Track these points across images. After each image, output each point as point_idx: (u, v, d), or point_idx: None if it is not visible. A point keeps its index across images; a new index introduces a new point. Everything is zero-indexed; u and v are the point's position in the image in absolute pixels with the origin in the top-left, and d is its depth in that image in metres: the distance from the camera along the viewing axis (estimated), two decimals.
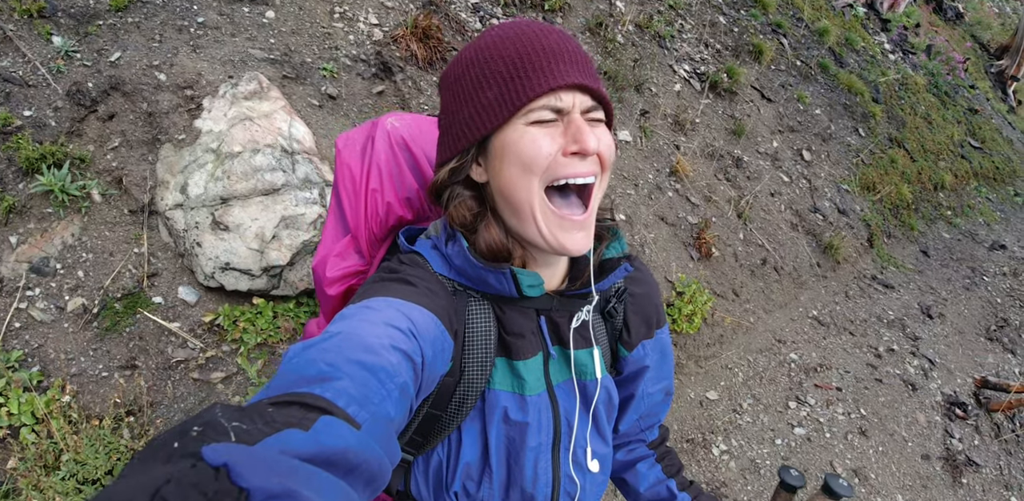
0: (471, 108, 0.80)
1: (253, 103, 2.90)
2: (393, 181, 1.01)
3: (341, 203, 1.05)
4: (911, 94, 8.39)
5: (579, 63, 0.78)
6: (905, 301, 5.43)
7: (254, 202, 2.68)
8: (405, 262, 0.90)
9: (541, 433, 0.90)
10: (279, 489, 0.35)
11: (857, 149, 6.72)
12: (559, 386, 0.94)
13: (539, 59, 0.76)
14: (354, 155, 1.03)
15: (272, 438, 0.43)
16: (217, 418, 0.43)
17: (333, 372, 0.59)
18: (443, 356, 0.79)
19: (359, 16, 3.89)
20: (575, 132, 0.77)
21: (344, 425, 0.50)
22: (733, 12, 6.93)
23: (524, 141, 0.78)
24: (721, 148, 5.45)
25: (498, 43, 0.79)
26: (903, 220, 6.72)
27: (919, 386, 4.29)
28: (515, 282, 0.85)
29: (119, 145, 2.60)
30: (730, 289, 4.58)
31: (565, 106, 0.77)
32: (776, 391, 3.94)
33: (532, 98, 0.76)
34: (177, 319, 2.50)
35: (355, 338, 0.66)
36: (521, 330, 0.90)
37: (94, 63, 2.58)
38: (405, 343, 0.69)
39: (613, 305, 0.99)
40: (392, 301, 0.76)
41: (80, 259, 2.39)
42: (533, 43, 0.77)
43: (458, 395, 0.87)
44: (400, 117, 1.06)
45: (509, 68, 0.77)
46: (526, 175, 0.79)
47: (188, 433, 0.40)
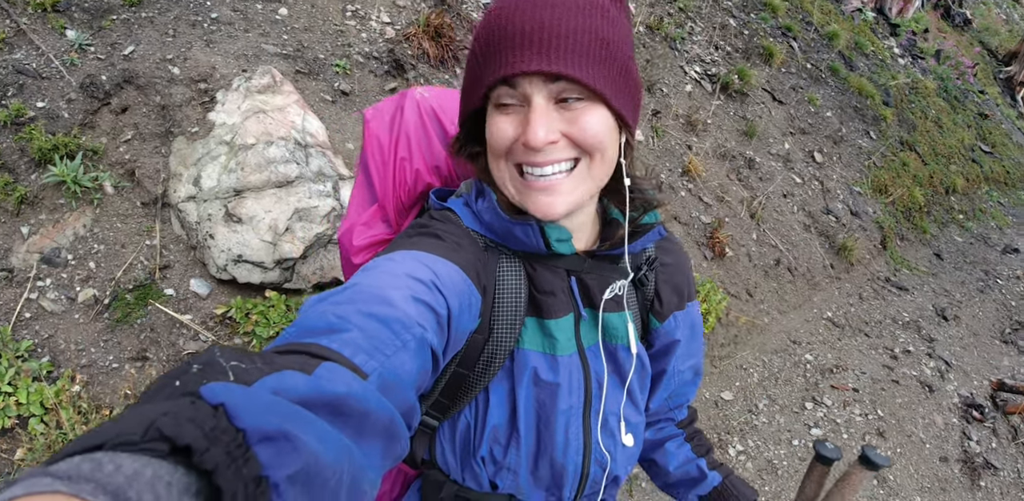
0: (465, 81, 0.81)
1: (267, 97, 2.89)
2: (422, 150, 1.00)
3: (369, 173, 1.04)
4: (921, 98, 8.36)
5: (546, 40, 0.71)
6: (919, 303, 5.37)
7: (267, 194, 2.66)
8: (436, 218, 0.88)
9: (572, 395, 0.88)
10: (274, 430, 0.35)
11: (869, 152, 6.69)
12: (589, 349, 0.91)
13: (498, 40, 0.73)
14: (383, 126, 1.02)
15: (270, 377, 0.42)
16: (216, 358, 0.42)
17: (342, 324, 0.57)
18: (471, 311, 0.77)
19: (371, 14, 3.89)
20: (525, 123, 0.74)
21: (348, 372, 0.49)
22: (743, 15, 6.92)
23: (490, 126, 0.78)
24: (733, 149, 5.42)
25: (491, 13, 0.76)
26: (915, 223, 6.67)
27: (936, 388, 4.23)
28: (543, 235, 0.83)
29: (132, 138, 2.59)
30: (744, 289, 4.53)
31: (524, 91, 0.74)
32: (792, 392, 3.88)
33: (488, 85, 0.75)
34: (189, 311, 2.47)
35: (371, 290, 0.64)
36: (552, 288, 0.87)
37: (108, 56, 2.58)
38: (427, 295, 0.67)
39: (644, 272, 0.97)
40: (416, 253, 0.75)
41: (92, 250, 2.36)
42: (506, 17, 0.73)
43: (486, 353, 0.85)
44: (429, 89, 1.05)
45: (482, 48, 0.75)
46: (493, 156, 0.80)
47: (187, 373, 0.39)
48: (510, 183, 0.81)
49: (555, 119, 0.75)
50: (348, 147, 3.11)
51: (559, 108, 0.75)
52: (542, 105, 0.74)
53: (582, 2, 0.73)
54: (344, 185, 2.84)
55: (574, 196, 0.79)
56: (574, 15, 0.72)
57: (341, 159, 2.96)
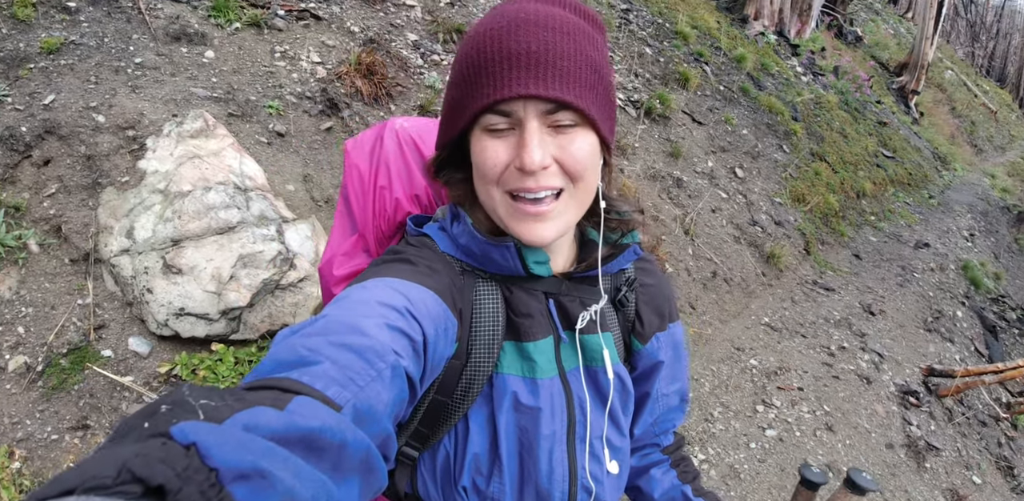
0: (448, 105, 0.79)
1: (200, 141, 2.82)
2: (401, 179, 1.00)
3: (349, 203, 1.03)
4: (825, 111, 8.98)
5: (540, 64, 0.71)
6: (847, 301, 5.70)
7: (208, 242, 2.58)
8: (411, 243, 0.88)
9: (555, 420, 0.86)
10: (248, 468, 0.35)
11: (784, 164, 7.10)
12: (571, 372, 0.90)
13: (490, 63, 0.72)
14: (362, 156, 1.03)
15: (242, 414, 0.41)
16: (185, 397, 0.41)
17: (313, 357, 0.56)
18: (447, 336, 0.76)
19: (301, 55, 3.88)
20: (520, 147, 0.74)
21: (321, 406, 0.48)
22: (657, 43, 7.28)
23: (477, 150, 0.77)
24: (662, 170, 5.64)
25: (477, 34, 0.75)
26: (833, 227, 7.10)
27: (873, 379, 4.48)
28: (520, 257, 0.82)
29: (56, 191, 2.47)
30: (686, 303, 4.68)
31: (516, 115, 0.73)
32: (743, 397, 4.01)
33: (481, 108, 0.73)
34: (130, 372, 2.34)
35: (343, 319, 0.63)
36: (530, 311, 0.87)
37: (27, 107, 2.46)
38: (401, 321, 0.66)
39: (624, 293, 0.96)
40: (389, 280, 0.74)
41: (19, 314, 2.22)
42: (497, 39, 0.72)
43: (465, 379, 0.83)
44: (408, 119, 1.06)
45: (469, 70, 0.74)
46: (482, 181, 0.79)
47: (156, 413, 0.39)
48: (501, 208, 0.79)
49: (548, 143, 0.74)
50: (288, 189, 3.06)
51: (550, 132, 0.75)
52: (536, 128, 0.73)
53: (571, 27, 0.74)
54: (288, 228, 2.79)
55: (562, 221, 0.80)
56: (568, 40, 0.73)
57: (283, 201, 2.91)
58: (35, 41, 2.63)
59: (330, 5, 4.33)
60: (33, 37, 2.64)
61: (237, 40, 3.60)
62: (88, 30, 2.85)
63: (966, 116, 17.71)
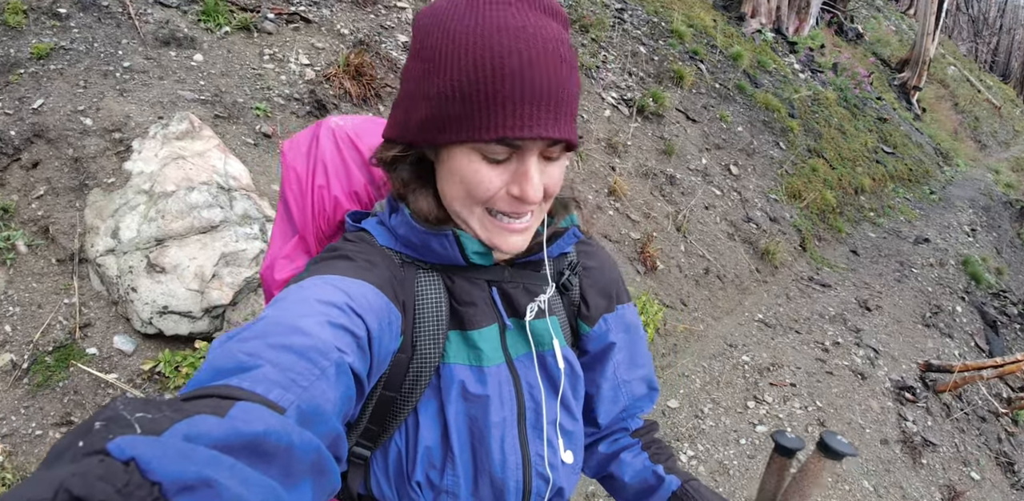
0: (430, 110, 0.74)
1: (185, 142, 2.86)
2: (339, 177, 0.99)
3: (288, 206, 1.02)
4: (824, 108, 8.96)
5: (558, 104, 0.71)
6: (843, 297, 5.68)
7: (192, 241, 2.63)
8: (349, 239, 0.87)
9: (504, 407, 0.86)
10: (193, 478, 0.34)
11: (780, 161, 7.09)
12: (518, 359, 0.90)
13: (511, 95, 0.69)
14: (299, 156, 1.01)
15: (181, 424, 0.40)
16: (119, 412, 0.40)
17: (252, 361, 0.55)
18: (391, 330, 0.75)
19: (289, 57, 3.93)
20: (521, 178, 0.75)
21: (264, 410, 0.47)
22: (652, 42, 7.30)
23: (472, 175, 0.75)
24: (654, 167, 5.66)
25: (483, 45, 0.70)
26: (830, 223, 7.09)
27: (868, 375, 4.47)
28: (460, 247, 0.82)
29: (44, 193, 2.52)
30: (678, 299, 4.69)
31: (523, 147, 0.74)
32: (734, 393, 4.02)
33: (488, 139, 0.71)
34: (114, 369, 2.39)
35: (282, 320, 0.62)
36: (472, 299, 0.87)
37: (16, 111, 2.52)
38: (342, 318, 0.66)
39: (568, 277, 0.96)
40: (327, 277, 0.73)
41: (7, 313, 2.27)
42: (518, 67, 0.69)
43: (412, 372, 0.82)
44: (344, 118, 1.05)
45: (478, 90, 0.69)
46: (464, 196, 0.78)
47: (91, 431, 0.37)
48: (478, 222, 0.80)
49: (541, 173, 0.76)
50: (273, 188, 3.10)
51: (542, 161, 0.76)
52: (536, 163, 0.75)
53: (566, 51, 0.74)
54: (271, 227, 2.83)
55: (532, 231, 0.84)
56: (571, 71, 0.73)
57: (267, 201, 2.95)
58: (26, 47, 2.69)
59: (320, 8, 4.37)
60: (24, 43, 2.70)
61: (226, 44, 3.65)
62: (78, 35, 2.91)
63: (969, 112, 17.60)
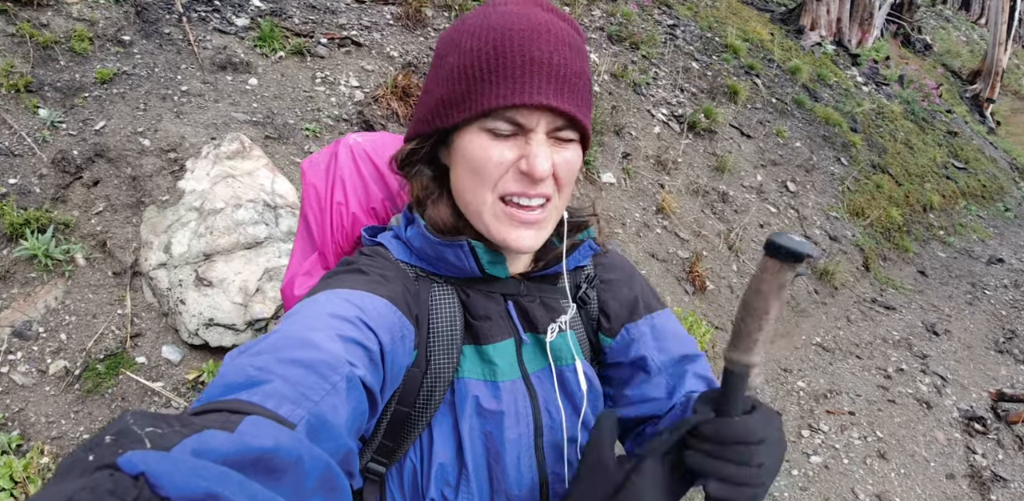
0: (437, 97, 0.77)
1: (236, 162, 2.98)
2: (357, 193, 1.00)
3: (308, 223, 1.03)
4: (889, 122, 8.58)
5: (560, 78, 0.72)
6: (908, 321, 5.36)
7: (237, 256, 2.72)
8: (365, 253, 0.87)
9: (520, 424, 0.83)
10: (201, 494, 0.34)
11: (841, 177, 6.81)
12: (535, 375, 0.87)
13: (512, 66, 0.71)
14: (318, 174, 1.03)
15: (190, 439, 0.40)
16: (129, 426, 0.40)
17: (262, 375, 0.55)
18: (404, 344, 0.75)
19: (340, 79, 4.06)
20: (529, 154, 0.73)
21: (273, 425, 0.46)
22: (705, 57, 7.20)
23: (480, 151, 0.75)
24: (706, 184, 5.53)
25: (486, 30, 0.73)
26: (896, 242, 6.73)
27: (934, 404, 4.17)
28: (475, 257, 0.81)
29: (103, 209, 2.67)
30: (728, 321, 4.52)
31: (527, 124, 0.73)
32: (787, 420, 3.82)
33: (490, 109, 0.72)
34: (160, 378, 2.48)
35: (293, 334, 0.62)
36: (488, 313, 0.85)
37: (79, 132, 2.69)
38: (354, 332, 0.65)
39: (585, 291, 0.94)
40: (340, 292, 0.72)
41: (63, 322, 2.40)
42: (518, 42, 0.71)
43: (426, 387, 0.81)
44: (363, 135, 1.07)
45: (481, 66, 0.72)
46: (475, 181, 0.77)
47: (101, 445, 0.37)
48: (489, 212, 0.78)
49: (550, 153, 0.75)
50: None
51: (551, 143, 0.76)
52: (543, 138, 0.74)
53: (579, 45, 0.76)
54: None
55: (545, 230, 0.81)
56: (575, 56, 0.75)
57: None
58: (90, 72, 2.89)
59: (371, 32, 4.52)
60: (89, 68, 2.90)
61: (280, 67, 3.81)
62: (140, 61, 3.10)
63: None
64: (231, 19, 3.77)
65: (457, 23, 0.79)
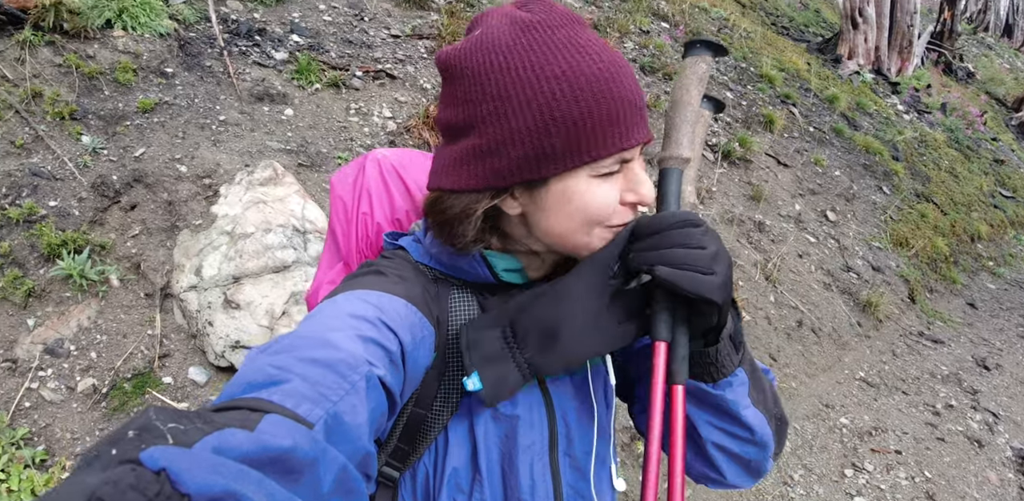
0: (526, 149, 0.70)
1: (268, 188, 3.06)
2: (382, 204, 1.02)
3: (335, 235, 1.06)
4: (932, 150, 8.36)
5: (644, 109, 0.75)
6: (958, 355, 5.10)
7: (265, 279, 2.76)
8: (385, 256, 0.88)
9: (534, 430, 0.82)
10: (220, 491, 0.35)
11: (884, 206, 6.62)
12: (552, 381, 0.86)
13: (618, 111, 0.70)
14: (346, 187, 1.05)
15: (211, 436, 0.41)
16: (152, 422, 0.41)
17: (282, 375, 0.55)
18: (425, 344, 0.75)
19: (373, 110, 4.17)
20: (634, 183, 0.74)
21: (292, 424, 0.47)
22: (740, 87, 7.18)
23: (590, 195, 0.73)
24: (741, 214, 5.43)
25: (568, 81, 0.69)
26: (943, 274, 6.46)
27: (985, 442, 3.93)
28: (488, 266, 0.81)
29: (139, 232, 2.75)
30: (766, 353, 4.37)
31: (631, 157, 0.75)
32: (829, 459, 3.63)
33: (607, 156, 0.71)
34: (186, 399, 2.50)
35: (313, 335, 0.62)
36: None
37: (119, 158, 2.81)
38: (373, 331, 0.66)
39: None
40: (360, 292, 0.73)
41: (94, 341, 2.45)
42: (618, 88, 0.70)
43: (443, 389, 0.81)
44: (390, 150, 1.09)
45: (584, 115, 0.69)
46: (587, 226, 0.75)
47: (124, 439, 0.38)
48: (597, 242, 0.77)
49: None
50: None
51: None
52: (642, 167, 0.77)
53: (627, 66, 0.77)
54: None
55: None
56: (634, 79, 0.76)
57: None
58: (133, 102, 3.03)
59: (405, 65, 4.65)
60: (132, 98, 3.05)
61: (316, 99, 3.93)
62: (181, 92, 3.25)
63: None
64: (270, 53, 3.93)
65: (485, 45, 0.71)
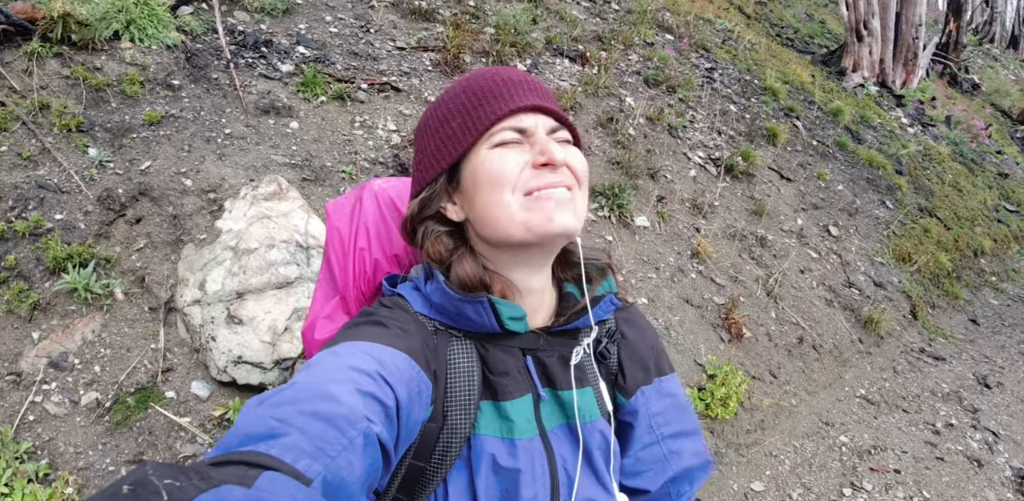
0: (437, 140, 0.84)
1: (272, 203, 3.08)
2: (381, 239, 1.02)
3: (331, 266, 1.05)
4: (936, 164, 8.36)
5: (537, 90, 0.83)
6: (959, 372, 5.09)
7: (268, 295, 2.77)
8: (385, 305, 0.88)
9: (536, 483, 0.81)
10: None
11: (887, 221, 6.62)
12: (553, 431, 0.86)
13: (498, 87, 0.81)
14: (343, 218, 1.05)
15: (207, 494, 0.40)
16: (148, 477, 0.41)
17: (282, 427, 0.55)
18: (421, 399, 0.75)
19: (378, 123, 4.19)
20: (541, 146, 0.79)
21: (290, 481, 0.47)
22: (743, 100, 7.19)
23: (490, 161, 0.80)
24: (743, 228, 5.44)
25: (461, 83, 0.85)
26: (946, 289, 6.45)
27: (985, 462, 3.92)
28: (495, 314, 0.81)
29: (144, 246, 2.78)
30: (767, 370, 4.36)
31: (527, 126, 0.80)
32: (828, 478, 3.63)
33: (494, 121, 0.79)
34: (188, 414, 2.51)
35: (313, 387, 0.63)
36: (506, 369, 0.85)
37: (126, 171, 2.83)
38: (372, 386, 0.66)
39: (605, 345, 0.94)
40: (360, 344, 0.74)
41: (98, 354, 2.47)
42: (493, 77, 0.83)
43: (442, 442, 0.80)
44: (387, 180, 1.09)
45: (471, 98, 0.82)
46: (499, 190, 0.79)
47: (119, 494, 0.38)
48: (519, 210, 0.79)
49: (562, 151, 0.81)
50: None
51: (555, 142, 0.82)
52: (547, 138, 0.81)
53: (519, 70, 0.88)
54: None
55: (579, 214, 0.82)
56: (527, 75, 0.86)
57: None
58: (139, 114, 3.06)
59: (410, 78, 4.68)
60: (138, 111, 3.08)
61: (321, 112, 3.96)
62: (187, 104, 3.28)
63: None
64: (276, 65, 3.97)
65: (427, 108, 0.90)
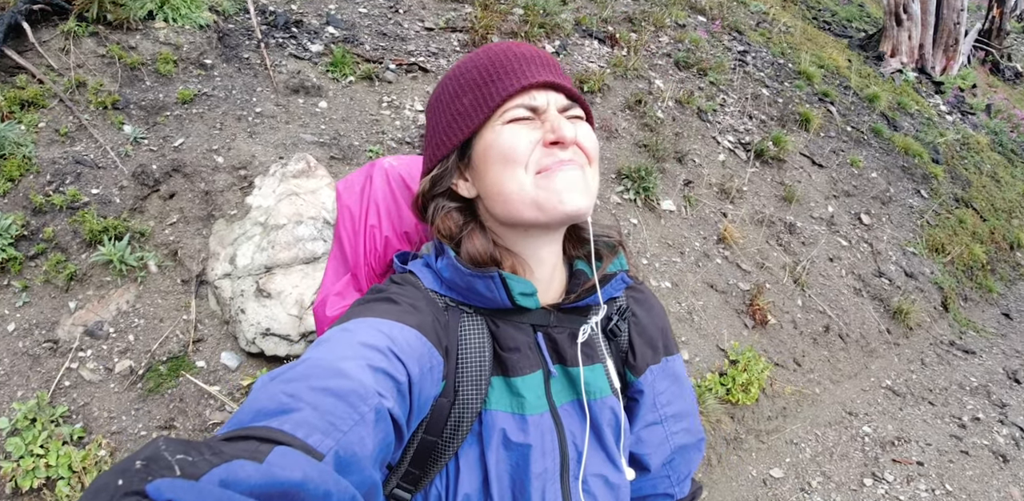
0: (448, 116, 0.84)
1: (301, 181, 3.13)
2: (391, 217, 1.02)
3: (342, 244, 1.06)
4: (974, 153, 8.12)
5: (549, 66, 0.83)
6: (988, 366, 4.98)
7: (295, 270, 2.83)
8: (396, 281, 0.88)
9: (546, 458, 0.83)
10: None
11: (921, 211, 6.46)
12: (563, 407, 0.87)
13: (510, 63, 0.81)
14: (353, 196, 1.06)
15: (219, 469, 0.40)
16: (160, 452, 0.41)
17: (293, 403, 0.55)
18: (432, 375, 0.76)
19: (405, 104, 4.20)
20: (552, 124, 0.79)
21: (302, 456, 0.47)
22: (776, 84, 7.04)
23: (503, 137, 0.80)
24: (772, 215, 5.36)
25: (472, 59, 0.84)
26: (979, 282, 6.29)
27: (1011, 457, 3.85)
28: (506, 289, 0.81)
29: (177, 221, 2.84)
30: (791, 358, 4.32)
31: (539, 104, 0.80)
32: (849, 468, 3.60)
33: (505, 97, 0.79)
34: (218, 383, 2.59)
35: (324, 363, 0.63)
36: (517, 344, 0.85)
37: (160, 148, 2.89)
38: (384, 362, 0.66)
39: (616, 323, 0.94)
40: (371, 320, 0.74)
41: (132, 324, 2.55)
42: (505, 52, 0.83)
43: (453, 417, 0.81)
44: (398, 158, 1.09)
45: (483, 74, 0.81)
46: (510, 167, 0.79)
47: (131, 470, 0.38)
48: (531, 188, 0.79)
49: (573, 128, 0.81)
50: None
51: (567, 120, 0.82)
52: (557, 114, 0.81)
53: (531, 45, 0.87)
54: None
55: (591, 194, 0.81)
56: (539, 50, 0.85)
57: None
58: (173, 92, 3.12)
59: (438, 58, 4.67)
60: (172, 89, 3.13)
61: (349, 91, 3.98)
62: (219, 83, 3.32)
63: None
64: (306, 45, 3.99)
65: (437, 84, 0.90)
